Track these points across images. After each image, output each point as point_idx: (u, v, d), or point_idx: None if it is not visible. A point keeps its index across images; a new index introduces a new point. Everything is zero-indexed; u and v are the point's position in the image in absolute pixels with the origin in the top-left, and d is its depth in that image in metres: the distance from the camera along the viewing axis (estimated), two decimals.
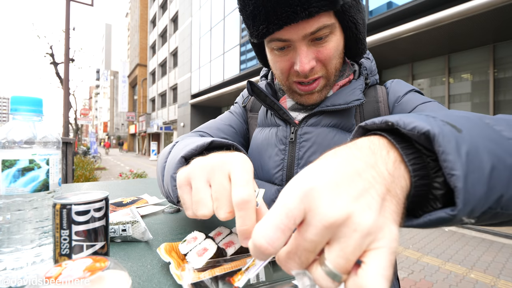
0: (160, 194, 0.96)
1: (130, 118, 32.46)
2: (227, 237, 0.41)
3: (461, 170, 0.21)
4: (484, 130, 0.26)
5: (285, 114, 0.62)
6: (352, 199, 0.19)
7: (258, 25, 0.50)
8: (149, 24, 26.97)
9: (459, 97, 5.87)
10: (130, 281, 0.24)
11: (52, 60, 11.45)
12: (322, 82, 0.58)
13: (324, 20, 0.50)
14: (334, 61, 0.56)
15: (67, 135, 7.31)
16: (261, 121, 0.71)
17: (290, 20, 0.47)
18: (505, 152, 0.24)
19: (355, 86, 0.60)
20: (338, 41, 0.55)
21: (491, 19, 4.40)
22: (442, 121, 0.24)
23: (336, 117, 0.60)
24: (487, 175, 0.22)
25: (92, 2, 6.66)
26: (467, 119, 0.27)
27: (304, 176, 0.21)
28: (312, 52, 0.53)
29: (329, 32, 0.52)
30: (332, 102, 0.59)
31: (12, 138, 0.36)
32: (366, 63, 0.66)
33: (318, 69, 0.56)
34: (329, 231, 0.19)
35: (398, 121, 0.24)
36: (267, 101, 0.63)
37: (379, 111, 0.61)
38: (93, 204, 0.34)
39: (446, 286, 2.45)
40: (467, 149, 0.22)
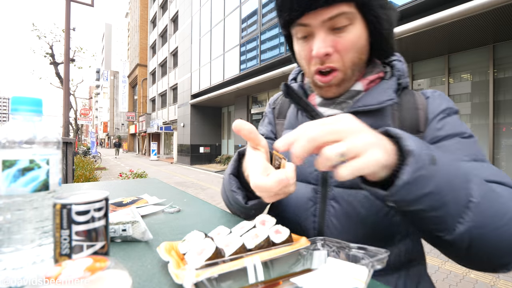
0: (160, 194, 0.96)
1: (130, 118, 32.44)
2: (226, 237, 0.41)
3: (403, 180, 0.35)
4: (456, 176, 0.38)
5: (317, 116, 0.62)
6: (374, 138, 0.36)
7: (284, 14, 0.56)
8: (149, 24, 26.96)
9: (459, 97, 5.87)
10: (130, 281, 0.24)
11: (52, 60, 11.45)
12: (339, 76, 0.58)
13: (344, 8, 0.52)
14: (351, 54, 0.56)
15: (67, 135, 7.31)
16: (291, 123, 0.71)
17: (309, 7, 0.52)
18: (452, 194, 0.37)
19: (387, 86, 0.60)
20: (358, 33, 0.55)
21: (491, 19, 4.40)
22: (428, 151, 0.37)
23: (370, 118, 0.59)
24: (420, 192, 0.36)
25: (92, 2, 6.66)
26: (455, 164, 0.40)
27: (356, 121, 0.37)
28: (330, 40, 0.55)
29: (348, 22, 0.53)
30: (364, 102, 0.59)
31: (12, 138, 0.36)
32: (398, 65, 0.66)
33: (335, 59, 0.56)
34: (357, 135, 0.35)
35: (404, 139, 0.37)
36: (301, 102, 0.64)
37: (418, 118, 0.60)
38: (93, 204, 0.34)
39: (446, 286, 2.45)
40: (422, 174, 0.35)
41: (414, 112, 0.61)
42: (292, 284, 0.31)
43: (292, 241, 0.41)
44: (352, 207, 0.57)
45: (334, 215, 0.58)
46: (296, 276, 0.32)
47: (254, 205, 0.56)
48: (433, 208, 0.37)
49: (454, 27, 4.67)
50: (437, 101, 0.61)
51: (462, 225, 0.38)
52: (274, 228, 0.44)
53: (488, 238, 0.39)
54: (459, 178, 0.38)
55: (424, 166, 0.35)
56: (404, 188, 0.35)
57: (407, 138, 0.37)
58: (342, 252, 0.37)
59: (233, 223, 0.63)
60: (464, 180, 0.39)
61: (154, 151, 19.90)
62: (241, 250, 0.38)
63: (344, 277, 0.30)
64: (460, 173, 0.39)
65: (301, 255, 0.39)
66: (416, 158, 0.35)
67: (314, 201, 0.61)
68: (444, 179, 0.37)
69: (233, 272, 0.32)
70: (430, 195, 0.36)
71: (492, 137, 5.28)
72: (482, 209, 0.38)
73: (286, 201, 0.66)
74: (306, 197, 0.62)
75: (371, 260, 0.32)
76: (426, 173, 0.35)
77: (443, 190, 0.37)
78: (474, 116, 5.65)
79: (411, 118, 0.60)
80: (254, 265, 0.33)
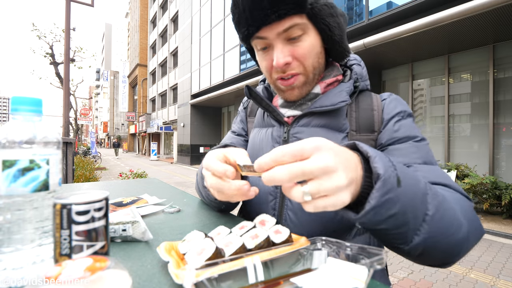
0: (160, 194, 0.96)
1: (130, 118, 32.44)
2: (226, 237, 0.41)
3: (372, 205, 0.35)
4: (416, 194, 0.40)
5: (278, 116, 0.68)
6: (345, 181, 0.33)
7: (242, 29, 0.60)
8: (149, 24, 26.97)
9: (458, 97, 5.88)
10: (130, 281, 0.24)
11: (52, 60, 11.45)
12: (301, 79, 0.63)
13: (296, 20, 0.57)
14: (310, 60, 0.61)
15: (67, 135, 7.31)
16: (259, 122, 0.77)
17: (263, 22, 0.56)
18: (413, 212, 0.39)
19: (342, 88, 0.65)
20: (313, 41, 0.60)
21: (491, 19, 4.40)
22: (395, 172, 0.37)
23: (325, 118, 0.64)
24: (387, 215, 0.37)
25: (92, 2, 6.66)
26: (415, 181, 0.40)
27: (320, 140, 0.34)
28: (288, 50, 0.59)
29: (301, 32, 0.58)
30: (320, 103, 0.64)
31: (12, 138, 0.36)
32: (357, 69, 0.71)
33: (295, 66, 0.61)
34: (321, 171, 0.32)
35: (373, 158, 0.37)
36: (263, 103, 0.69)
37: (373, 119, 0.65)
38: (93, 204, 0.34)
39: (446, 286, 2.45)
40: (390, 197, 0.36)
41: (369, 113, 0.66)
42: (292, 284, 0.31)
43: (292, 241, 0.41)
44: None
45: (291, 209, 0.63)
46: (296, 276, 0.32)
47: (223, 201, 0.61)
48: (396, 227, 0.39)
49: (454, 27, 4.67)
50: (392, 103, 0.66)
51: (418, 237, 0.41)
52: (274, 228, 0.44)
53: (439, 245, 0.43)
54: (419, 195, 0.40)
55: (392, 190, 0.36)
56: (371, 211, 0.36)
57: (376, 158, 0.37)
58: (342, 252, 0.37)
59: (233, 223, 0.63)
60: (422, 195, 0.41)
61: (154, 151, 19.91)
62: (241, 250, 0.38)
63: (344, 277, 0.30)
64: (420, 189, 0.41)
65: (301, 255, 0.39)
66: (385, 182, 0.35)
67: (274, 196, 0.65)
68: (408, 199, 0.38)
69: (233, 272, 0.32)
70: (395, 216, 0.38)
71: (492, 137, 5.28)
72: (435, 220, 0.41)
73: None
74: (267, 191, 0.66)
75: (371, 260, 0.32)
76: (393, 196, 0.36)
77: (407, 210, 0.38)
78: (474, 116, 5.65)
79: (366, 118, 0.65)
80: (254, 265, 0.33)
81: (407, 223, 0.39)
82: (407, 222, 0.39)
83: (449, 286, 2.44)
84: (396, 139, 0.61)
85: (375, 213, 0.36)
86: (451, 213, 0.44)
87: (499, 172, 5.24)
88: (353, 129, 0.65)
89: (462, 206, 0.48)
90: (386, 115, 0.65)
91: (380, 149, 0.62)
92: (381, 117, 0.65)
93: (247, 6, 0.56)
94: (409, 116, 0.65)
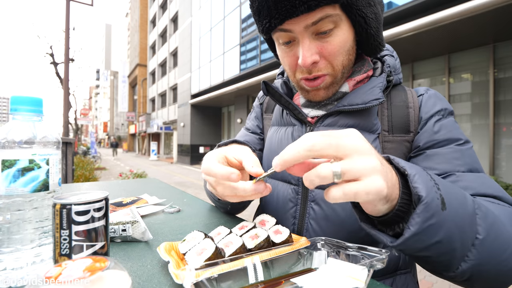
0: (159, 194, 0.96)
1: (130, 118, 32.44)
2: (226, 237, 0.41)
3: (412, 232, 0.31)
4: (464, 217, 0.35)
5: (300, 114, 0.61)
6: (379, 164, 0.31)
7: (263, 20, 0.51)
8: (149, 24, 26.95)
9: (459, 97, 5.87)
10: (130, 281, 0.24)
11: (52, 60, 11.45)
12: (328, 80, 0.55)
13: (328, 11, 0.48)
14: (340, 58, 0.53)
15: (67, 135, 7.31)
16: (277, 120, 0.69)
17: (290, 14, 0.47)
18: (460, 237, 0.34)
19: (374, 84, 0.57)
20: (345, 36, 0.52)
21: (491, 19, 4.40)
22: (438, 193, 0.33)
23: (354, 117, 0.57)
24: (430, 242, 0.33)
25: (92, 2, 6.66)
26: (462, 201, 0.36)
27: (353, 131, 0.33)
28: (316, 46, 0.51)
29: (333, 25, 0.50)
30: (349, 101, 0.56)
31: (12, 138, 0.36)
32: (390, 60, 0.62)
33: (323, 66, 0.53)
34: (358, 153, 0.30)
35: (412, 177, 0.34)
36: (282, 100, 0.62)
37: (408, 117, 0.57)
38: (93, 204, 0.34)
39: (446, 286, 2.45)
40: (433, 223, 0.32)
41: (404, 111, 0.58)
42: (292, 284, 0.31)
43: (292, 241, 0.41)
44: (332, 210, 0.55)
45: (313, 218, 0.57)
46: (296, 276, 0.32)
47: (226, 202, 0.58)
48: (441, 254, 0.35)
49: (454, 27, 4.67)
50: (431, 100, 0.58)
51: (466, 263, 0.36)
52: (274, 228, 0.44)
53: (488, 273, 0.37)
54: (467, 217, 0.35)
55: (435, 214, 0.32)
56: (412, 238, 0.32)
57: (415, 177, 0.33)
58: (342, 252, 0.37)
59: (233, 223, 0.63)
60: (471, 216, 0.36)
61: (154, 151, 19.90)
62: (241, 250, 0.38)
63: (344, 277, 0.30)
64: (468, 210, 0.36)
65: (301, 255, 0.39)
66: (427, 206, 0.31)
67: (295, 203, 0.59)
68: (454, 223, 0.33)
69: (233, 272, 0.32)
70: (439, 243, 0.33)
71: (492, 137, 5.28)
72: (486, 245, 0.36)
73: (266, 201, 0.66)
74: (286, 198, 0.60)
75: (371, 260, 0.32)
76: (437, 221, 0.32)
77: (453, 236, 0.34)
78: (474, 116, 5.65)
79: (401, 117, 0.57)
80: (254, 265, 0.33)
81: (454, 250, 0.34)
82: (453, 249, 0.34)
83: (449, 286, 2.44)
84: (436, 142, 0.53)
85: (416, 240, 0.32)
86: (505, 236, 0.38)
87: (499, 172, 5.24)
88: (385, 129, 0.57)
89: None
90: (424, 114, 0.56)
91: (416, 153, 0.55)
92: (418, 116, 0.57)
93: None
94: (450, 114, 0.57)
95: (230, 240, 0.39)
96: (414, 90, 0.62)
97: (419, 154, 0.54)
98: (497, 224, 0.38)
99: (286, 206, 0.60)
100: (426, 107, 0.57)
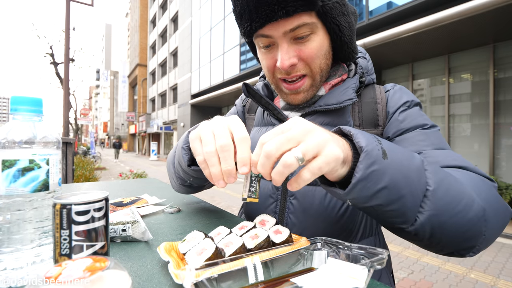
0: (160, 194, 0.96)
1: (130, 118, 32.44)
2: (226, 237, 0.41)
3: (357, 178, 0.35)
4: (410, 167, 0.39)
5: (279, 114, 0.64)
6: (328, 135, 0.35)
7: (244, 23, 0.55)
8: (149, 24, 26.96)
9: (459, 97, 5.87)
10: (130, 281, 0.24)
11: (52, 60, 11.45)
12: (308, 82, 0.59)
13: (304, 19, 0.52)
14: (317, 61, 0.57)
15: (67, 135, 7.31)
16: (258, 121, 0.73)
17: (269, 18, 0.51)
18: (408, 185, 0.38)
19: (348, 85, 0.61)
20: (321, 41, 0.56)
21: (491, 19, 4.40)
22: (379, 146, 0.38)
23: (329, 116, 0.61)
24: (376, 188, 0.36)
25: (92, 2, 6.66)
26: (407, 156, 0.41)
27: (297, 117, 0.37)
28: (294, 50, 0.55)
29: (310, 31, 0.54)
30: (325, 101, 0.60)
31: (12, 138, 0.36)
32: (362, 62, 0.67)
33: (301, 67, 0.57)
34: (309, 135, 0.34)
35: (355, 135, 0.38)
36: (262, 101, 0.65)
37: (377, 112, 0.62)
38: (93, 204, 0.34)
39: (446, 286, 2.45)
40: (375, 169, 0.36)
41: (373, 107, 0.62)
42: (292, 284, 0.31)
43: (292, 241, 0.41)
44: (310, 204, 0.59)
45: (292, 212, 0.60)
46: (296, 276, 0.32)
47: (194, 172, 0.55)
48: (390, 201, 0.38)
49: (454, 27, 4.67)
50: (397, 94, 0.63)
51: (422, 215, 0.39)
52: (274, 228, 0.44)
53: (447, 225, 0.40)
54: (414, 168, 0.39)
55: (377, 161, 0.36)
56: (359, 185, 0.35)
57: (358, 134, 0.38)
58: (342, 252, 0.37)
59: (233, 223, 0.63)
60: (418, 170, 0.39)
61: (154, 151, 19.89)
62: (241, 250, 0.38)
63: (344, 277, 0.30)
64: (414, 164, 0.40)
65: (301, 255, 0.39)
66: (368, 154, 0.35)
67: (275, 198, 0.63)
68: (398, 171, 0.37)
69: (233, 272, 0.32)
70: (386, 190, 0.37)
71: (492, 137, 5.28)
72: (439, 195, 0.39)
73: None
74: (267, 194, 0.64)
75: (371, 260, 0.32)
76: (379, 168, 0.36)
77: (399, 183, 0.37)
78: (474, 116, 5.65)
79: (370, 112, 0.62)
80: (254, 265, 0.33)
81: (403, 197, 0.38)
82: (402, 196, 0.38)
83: (449, 286, 2.44)
84: (403, 130, 0.57)
85: (362, 186, 0.36)
86: (458, 188, 0.41)
87: (499, 172, 5.24)
88: (357, 124, 0.62)
89: (476, 183, 0.44)
90: (391, 108, 0.61)
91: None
92: (386, 110, 0.62)
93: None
94: (416, 105, 0.62)
95: (230, 240, 0.39)
96: (383, 87, 0.67)
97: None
98: (449, 179, 0.41)
99: (267, 201, 0.64)
100: (393, 101, 0.62)
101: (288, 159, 0.33)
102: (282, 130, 0.35)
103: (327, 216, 0.57)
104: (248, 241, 0.40)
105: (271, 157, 0.34)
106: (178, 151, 0.60)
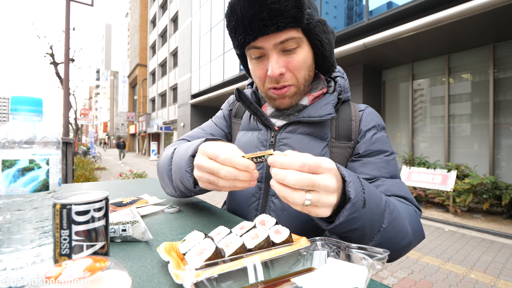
0: (160, 194, 0.96)
1: (130, 118, 32.43)
2: (226, 237, 0.41)
3: (340, 221, 0.45)
4: (376, 213, 0.50)
5: (266, 120, 0.71)
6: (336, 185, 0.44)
7: (238, 36, 0.62)
8: (149, 24, 26.96)
9: (459, 97, 5.87)
10: (130, 281, 0.24)
11: (52, 60, 11.44)
12: (293, 90, 0.67)
13: (292, 33, 0.60)
14: (303, 72, 0.66)
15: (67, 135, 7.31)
16: (245, 125, 0.79)
17: (262, 32, 0.58)
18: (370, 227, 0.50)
19: (328, 101, 0.70)
20: (306, 54, 0.64)
21: (491, 19, 4.40)
22: (363, 196, 0.47)
23: (310, 127, 0.69)
24: (350, 228, 0.48)
25: (92, 2, 6.66)
26: (378, 202, 0.51)
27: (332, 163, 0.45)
28: (283, 61, 0.63)
29: (296, 45, 0.62)
30: (308, 114, 0.68)
31: (12, 138, 0.36)
32: (341, 81, 0.76)
33: (288, 78, 0.65)
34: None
35: (348, 183, 0.46)
36: (252, 107, 0.72)
37: (351, 128, 0.71)
38: (93, 204, 0.34)
39: (446, 286, 2.45)
40: (354, 216, 0.46)
41: (348, 123, 0.72)
42: (292, 284, 0.31)
43: (292, 241, 0.41)
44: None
45: (273, 210, 0.67)
46: (296, 276, 0.32)
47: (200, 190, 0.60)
48: (357, 236, 0.50)
49: (454, 27, 4.67)
50: (370, 116, 0.73)
51: (372, 242, 0.53)
52: (274, 228, 0.44)
53: (384, 247, 0.50)
54: (378, 213, 0.50)
55: (357, 210, 0.45)
56: (339, 225, 0.46)
57: (350, 184, 0.45)
58: (342, 252, 0.37)
59: (233, 223, 0.63)
60: (381, 212, 0.51)
61: (154, 151, 19.89)
62: (241, 250, 0.38)
63: (344, 277, 0.30)
64: (380, 208, 0.51)
65: (301, 255, 0.39)
66: (354, 205, 0.45)
67: (258, 197, 0.69)
68: (368, 217, 0.48)
69: (233, 272, 0.32)
70: (356, 230, 0.48)
71: (492, 137, 5.28)
72: (387, 232, 0.52)
73: (233, 196, 0.77)
74: (250, 193, 0.70)
75: (371, 260, 0.32)
76: (357, 215, 0.46)
77: (366, 224, 0.48)
78: (474, 116, 5.65)
79: (345, 127, 0.72)
80: (254, 265, 0.33)
81: (365, 234, 0.50)
82: (365, 234, 0.50)
83: (449, 286, 2.44)
84: (371, 152, 0.69)
85: (341, 226, 0.46)
86: (401, 226, 0.55)
87: (499, 172, 5.24)
88: (333, 136, 0.71)
89: (412, 218, 0.60)
90: (364, 126, 0.71)
91: (357, 158, 0.70)
92: (359, 128, 0.71)
93: (246, 15, 0.58)
94: (383, 129, 0.73)
95: (230, 240, 0.39)
96: (357, 105, 0.77)
97: (358, 160, 0.69)
98: (398, 218, 0.54)
99: (250, 200, 0.70)
100: (366, 122, 0.72)
101: (298, 198, 0.40)
102: (316, 169, 0.41)
103: (302, 217, 0.64)
104: (248, 241, 0.40)
105: (287, 183, 0.40)
106: (177, 170, 0.61)
